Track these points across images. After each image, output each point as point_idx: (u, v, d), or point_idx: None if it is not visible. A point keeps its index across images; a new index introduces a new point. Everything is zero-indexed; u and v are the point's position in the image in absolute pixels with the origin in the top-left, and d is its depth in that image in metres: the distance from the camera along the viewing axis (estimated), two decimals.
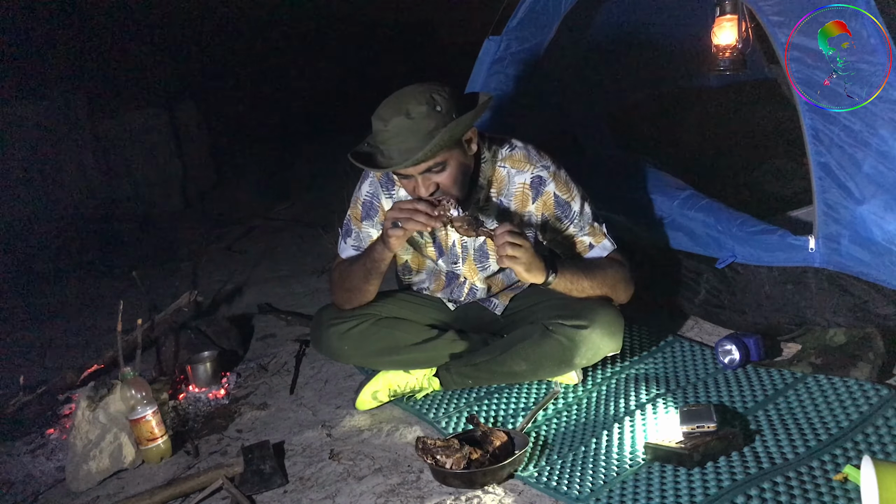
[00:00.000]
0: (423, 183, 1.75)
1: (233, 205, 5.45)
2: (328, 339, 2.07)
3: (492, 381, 2.09)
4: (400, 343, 2.05)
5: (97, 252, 4.61)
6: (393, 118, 1.69)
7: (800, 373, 1.88)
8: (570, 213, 1.93)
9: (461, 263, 2.04)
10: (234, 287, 3.61)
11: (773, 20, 1.92)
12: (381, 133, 1.72)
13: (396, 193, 1.98)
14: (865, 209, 1.81)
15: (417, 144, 1.68)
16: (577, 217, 1.93)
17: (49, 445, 2.23)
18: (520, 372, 2.00)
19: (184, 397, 2.39)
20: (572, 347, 1.90)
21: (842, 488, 1.42)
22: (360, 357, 2.12)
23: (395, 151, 1.71)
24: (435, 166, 1.74)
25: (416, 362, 2.08)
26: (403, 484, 1.72)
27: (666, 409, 1.85)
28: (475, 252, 2.02)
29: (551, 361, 1.95)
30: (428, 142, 1.67)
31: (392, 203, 1.94)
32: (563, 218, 1.93)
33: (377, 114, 1.73)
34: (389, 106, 1.72)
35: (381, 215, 2.00)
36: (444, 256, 2.05)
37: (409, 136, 1.69)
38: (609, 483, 1.58)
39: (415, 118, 1.68)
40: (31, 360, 3.01)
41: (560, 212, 1.93)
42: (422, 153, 1.67)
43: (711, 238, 2.23)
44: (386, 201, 2.00)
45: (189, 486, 1.84)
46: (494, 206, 1.95)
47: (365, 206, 2.02)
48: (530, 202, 1.93)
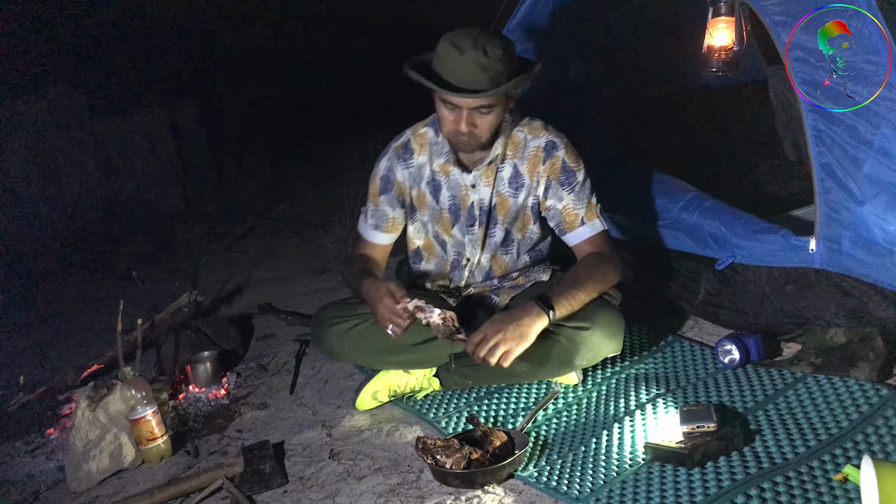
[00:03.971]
0: (468, 119, 1.86)
1: (233, 205, 5.45)
2: (328, 338, 2.08)
3: (492, 382, 2.09)
4: (400, 343, 2.05)
5: (97, 252, 4.61)
6: (470, 50, 1.78)
7: (800, 373, 1.88)
8: (574, 181, 2.00)
9: (477, 226, 2.08)
10: (234, 287, 3.61)
11: (775, 20, 1.91)
12: (453, 60, 1.80)
13: (414, 161, 2.08)
14: (866, 210, 1.81)
15: (485, 80, 1.79)
16: (578, 187, 2.00)
17: (49, 445, 2.23)
18: (520, 372, 2.01)
19: (184, 397, 2.39)
20: (573, 348, 1.90)
21: (842, 488, 1.42)
22: (361, 357, 2.12)
23: (460, 81, 1.80)
24: (485, 107, 1.85)
25: (416, 362, 2.08)
26: (403, 484, 1.72)
27: (666, 409, 1.85)
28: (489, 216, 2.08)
29: (552, 362, 1.95)
30: (493, 81, 1.79)
31: (408, 174, 2.09)
32: (566, 184, 2.01)
33: (452, 42, 1.81)
34: (467, 38, 1.80)
35: (396, 189, 2.10)
36: (459, 223, 2.09)
37: (479, 71, 1.78)
38: (609, 483, 1.58)
39: (490, 57, 1.79)
40: (31, 360, 3.01)
41: (564, 177, 2.01)
42: (493, 91, 1.79)
43: (713, 238, 2.23)
44: (401, 173, 2.09)
45: (189, 486, 1.84)
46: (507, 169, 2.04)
47: (382, 180, 2.11)
48: (540, 164, 2.02)
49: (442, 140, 2.02)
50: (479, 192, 2.04)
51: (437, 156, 2.05)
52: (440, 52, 1.84)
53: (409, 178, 2.10)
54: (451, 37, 1.82)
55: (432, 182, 2.08)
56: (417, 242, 2.19)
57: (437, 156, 2.05)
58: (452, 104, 1.85)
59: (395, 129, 2.17)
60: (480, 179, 2.03)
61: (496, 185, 2.04)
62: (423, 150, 2.07)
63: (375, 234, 2.14)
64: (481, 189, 2.04)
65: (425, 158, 2.06)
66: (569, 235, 2.03)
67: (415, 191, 2.10)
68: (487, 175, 2.03)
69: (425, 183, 2.08)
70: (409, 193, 2.11)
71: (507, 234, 2.09)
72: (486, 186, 2.03)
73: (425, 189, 2.09)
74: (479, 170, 2.02)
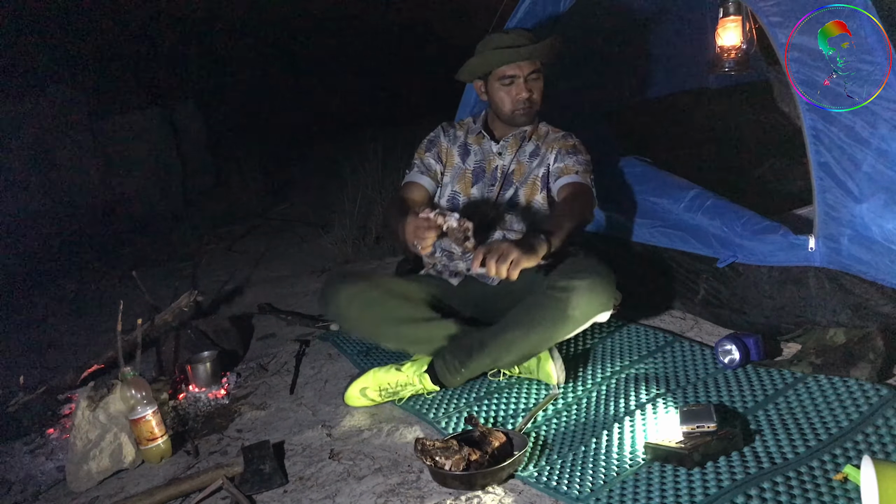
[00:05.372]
0: (526, 85, 2.25)
1: (233, 205, 5.45)
2: (337, 297, 2.10)
3: (484, 361, 2.04)
4: (405, 316, 2.09)
5: (97, 252, 4.62)
6: (512, 31, 2.31)
7: (800, 373, 1.88)
8: (578, 153, 2.30)
9: (496, 185, 2.34)
10: (234, 287, 3.61)
11: (772, 20, 1.92)
12: (502, 39, 2.25)
13: (454, 133, 2.46)
14: (865, 208, 1.81)
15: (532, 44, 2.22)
16: (581, 157, 2.29)
17: (49, 445, 2.23)
18: (513, 339, 1.97)
19: (184, 397, 2.40)
20: (564, 298, 1.90)
21: (842, 488, 1.42)
22: (365, 323, 2.12)
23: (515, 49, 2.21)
24: (534, 72, 2.25)
25: (416, 340, 2.10)
26: (403, 484, 1.72)
27: (666, 409, 1.85)
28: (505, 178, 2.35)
29: (545, 320, 1.94)
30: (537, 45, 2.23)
31: (448, 139, 2.45)
32: (571, 153, 2.30)
33: (493, 34, 2.30)
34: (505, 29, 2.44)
35: (437, 148, 2.44)
36: (479, 182, 2.37)
37: (525, 40, 2.24)
38: (609, 483, 1.58)
39: (527, 35, 2.28)
40: (31, 360, 3.01)
41: (572, 150, 2.31)
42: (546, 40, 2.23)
43: (714, 237, 2.23)
44: (444, 138, 2.46)
45: (189, 486, 1.84)
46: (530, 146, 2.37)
47: (429, 142, 2.46)
48: (556, 143, 2.34)
49: (477, 125, 2.42)
50: (504, 158, 2.35)
51: (471, 133, 2.44)
52: (488, 42, 2.26)
53: (448, 142, 2.44)
54: (493, 33, 2.29)
55: (464, 147, 2.41)
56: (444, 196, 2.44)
57: (472, 133, 2.44)
58: (510, 77, 2.23)
59: (395, 128, 2.18)
60: (506, 149, 2.35)
61: (518, 154, 2.34)
62: (462, 129, 2.47)
63: (421, 176, 2.39)
64: (506, 156, 2.35)
65: (463, 134, 2.45)
66: (559, 181, 2.23)
67: (448, 151, 2.43)
68: (513, 146, 2.35)
69: (457, 146, 2.42)
70: (445, 151, 2.42)
71: (515, 194, 2.31)
72: (509, 154, 2.35)
73: (455, 151, 2.41)
74: (506, 140, 2.35)
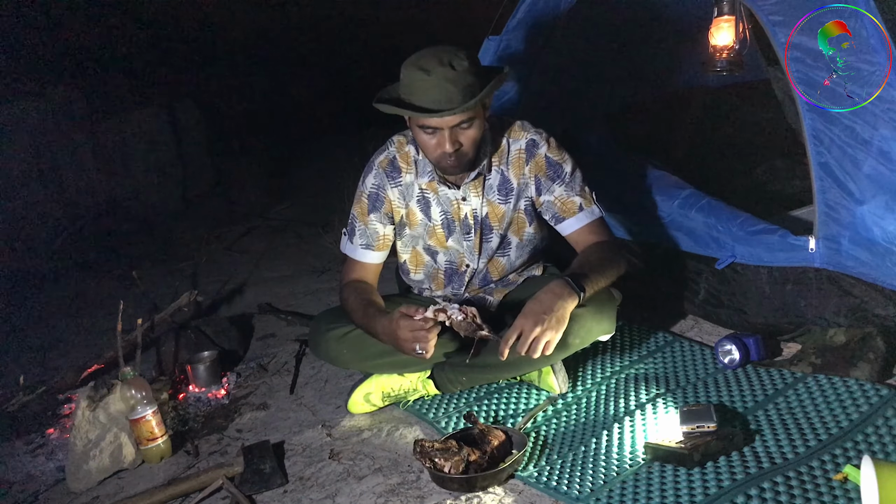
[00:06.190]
0: (451, 137, 1.81)
1: (233, 205, 5.45)
2: (326, 343, 2.07)
3: (485, 375, 2.06)
4: None
5: (97, 252, 4.62)
6: (437, 68, 1.74)
7: (800, 373, 1.88)
8: (562, 173, 1.99)
9: (473, 234, 2.04)
10: (234, 287, 3.61)
11: (772, 20, 1.91)
12: (422, 82, 1.75)
13: (402, 180, 2.04)
14: (866, 209, 1.81)
15: (459, 95, 1.74)
16: (568, 178, 1.99)
17: (49, 445, 2.23)
18: (513, 362, 1.92)
19: (184, 397, 2.40)
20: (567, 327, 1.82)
21: (842, 488, 1.42)
22: (359, 360, 2.10)
23: (434, 101, 1.75)
24: (466, 121, 1.80)
25: (413, 364, 2.06)
26: (403, 484, 1.72)
27: (666, 409, 1.85)
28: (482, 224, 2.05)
29: None
30: (468, 93, 1.75)
31: (398, 192, 2.04)
32: (555, 178, 1.99)
33: (416, 64, 1.76)
34: (430, 58, 1.76)
35: (385, 207, 2.05)
36: (454, 234, 2.06)
37: (450, 87, 1.74)
38: (609, 483, 1.58)
39: (458, 71, 1.74)
40: (31, 360, 3.01)
41: (552, 172, 1.99)
42: (472, 100, 1.75)
43: (712, 238, 2.23)
44: (392, 191, 2.05)
45: (189, 486, 1.84)
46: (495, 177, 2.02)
47: (371, 198, 2.06)
48: (524, 166, 2.00)
49: (423, 157, 1.99)
50: (471, 202, 2.01)
51: (421, 174, 2.02)
52: (407, 78, 1.78)
53: (399, 197, 2.05)
54: (414, 61, 1.77)
55: (422, 199, 2.04)
56: (404, 256, 2.16)
57: (422, 174, 2.02)
58: (432, 128, 1.81)
59: (395, 128, 2.14)
60: (469, 191, 2.00)
61: (485, 194, 2.01)
62: (409, 168, 2.04)
63: (367, 253, 2.08)
64: (472, 200, 2.01)
65: (412, 177, 2.03)
66: (567, 222, 1.98)
67: (404, 209, 2.06)
68: (476, 186, 2.00)
69: (415, 201, 2.05)
70: (399, 212, 2.07)
71: (502, 238, 2.06)
72: (475, 197, 2.01)
73: (415, 206, 2.05)
74: (466, 184, 1.99)
